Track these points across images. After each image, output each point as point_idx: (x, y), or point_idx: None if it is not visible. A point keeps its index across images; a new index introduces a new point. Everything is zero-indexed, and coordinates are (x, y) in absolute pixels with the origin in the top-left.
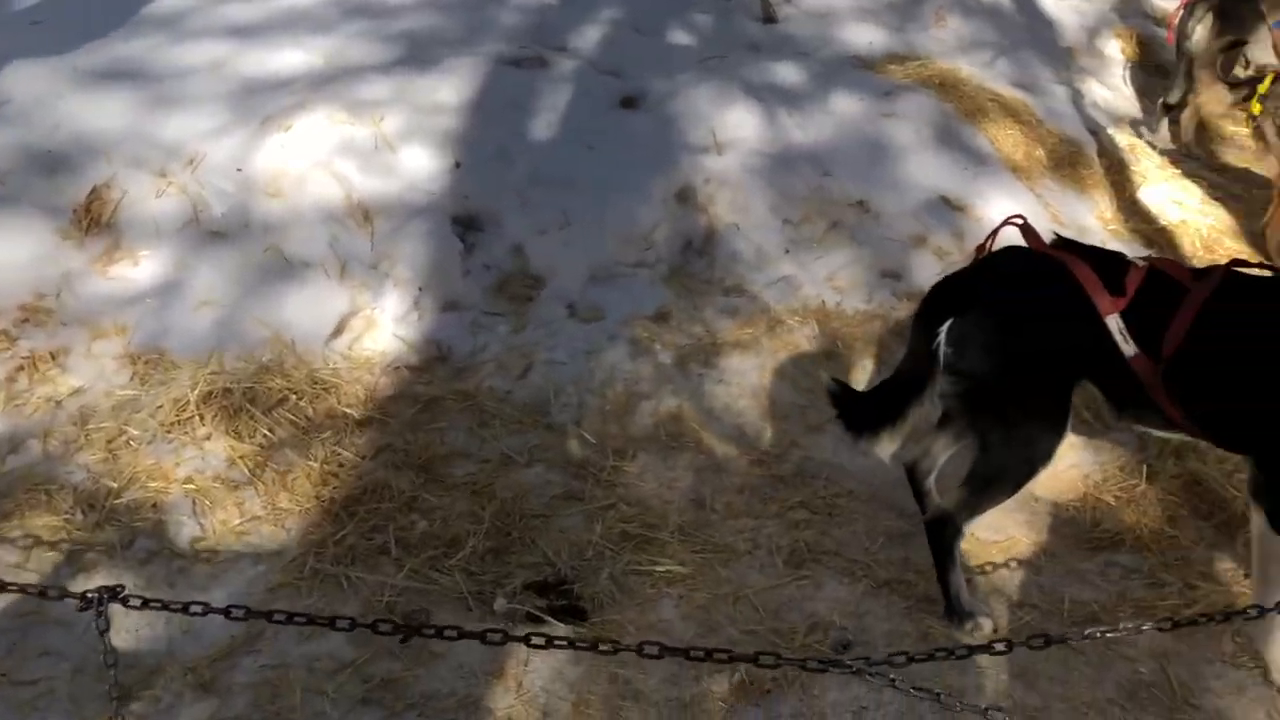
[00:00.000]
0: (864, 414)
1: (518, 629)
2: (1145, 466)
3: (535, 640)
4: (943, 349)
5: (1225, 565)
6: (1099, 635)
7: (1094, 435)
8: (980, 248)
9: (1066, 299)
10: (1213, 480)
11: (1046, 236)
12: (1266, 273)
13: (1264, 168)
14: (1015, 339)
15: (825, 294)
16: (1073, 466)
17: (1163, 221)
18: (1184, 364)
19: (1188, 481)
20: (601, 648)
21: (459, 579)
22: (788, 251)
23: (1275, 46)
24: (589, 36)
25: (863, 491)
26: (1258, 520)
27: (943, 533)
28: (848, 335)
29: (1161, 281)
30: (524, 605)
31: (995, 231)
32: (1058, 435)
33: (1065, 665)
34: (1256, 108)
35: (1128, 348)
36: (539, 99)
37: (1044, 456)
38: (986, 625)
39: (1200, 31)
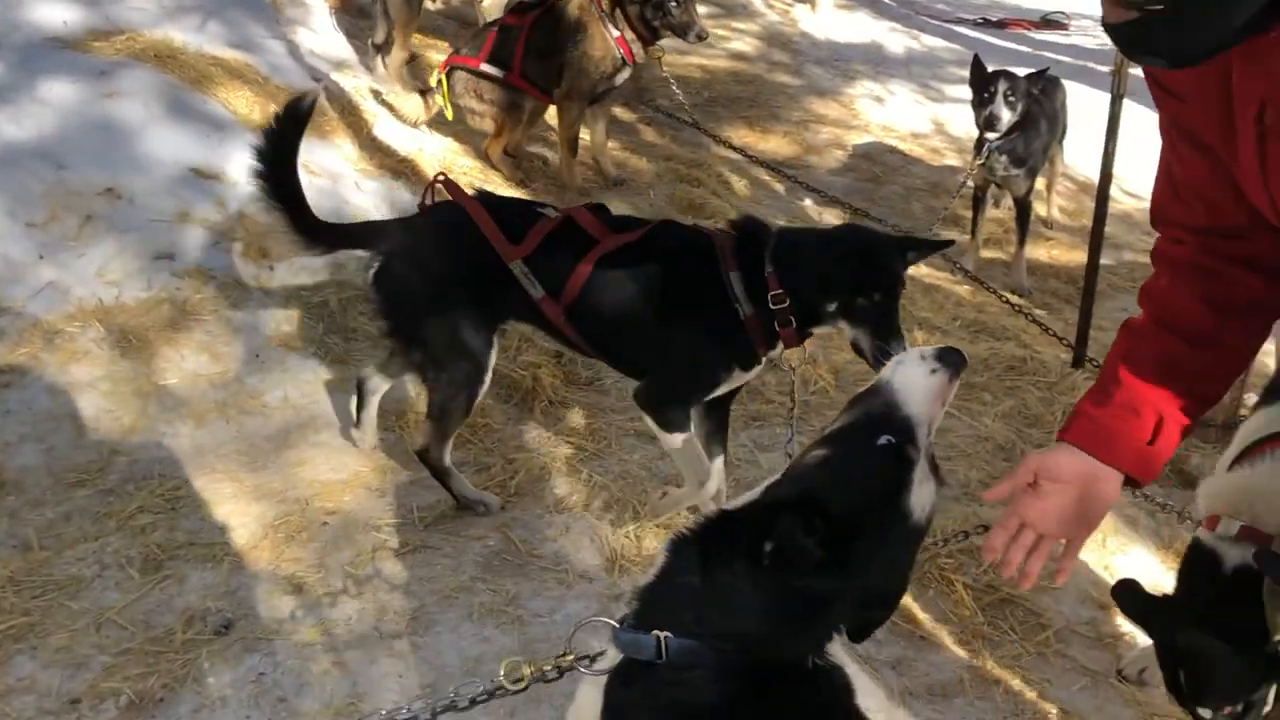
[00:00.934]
0: None
1: None
2: None
3: None
4: (372, 293)
5: (531, 434)
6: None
7: None
8: (421, 204)
9: (476, 247)
10: (504, 368)
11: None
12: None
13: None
14: (425, 284)
15: (100, 291)
16: (388, 393)
17: (402, 153)
18: (584, 304)
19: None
20: None
21: None
22: (42, 257)
23: None
24: None
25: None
26: (649, 423)
27: (428, 459)
28: (138, 327)
29: (572, 231)
30: None
31: (429, 187)
32: (481, 366)
33: (429, 564)
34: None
35: (535, 290)
36: None
37: (474, 385)
38: (493, 502)
39: None
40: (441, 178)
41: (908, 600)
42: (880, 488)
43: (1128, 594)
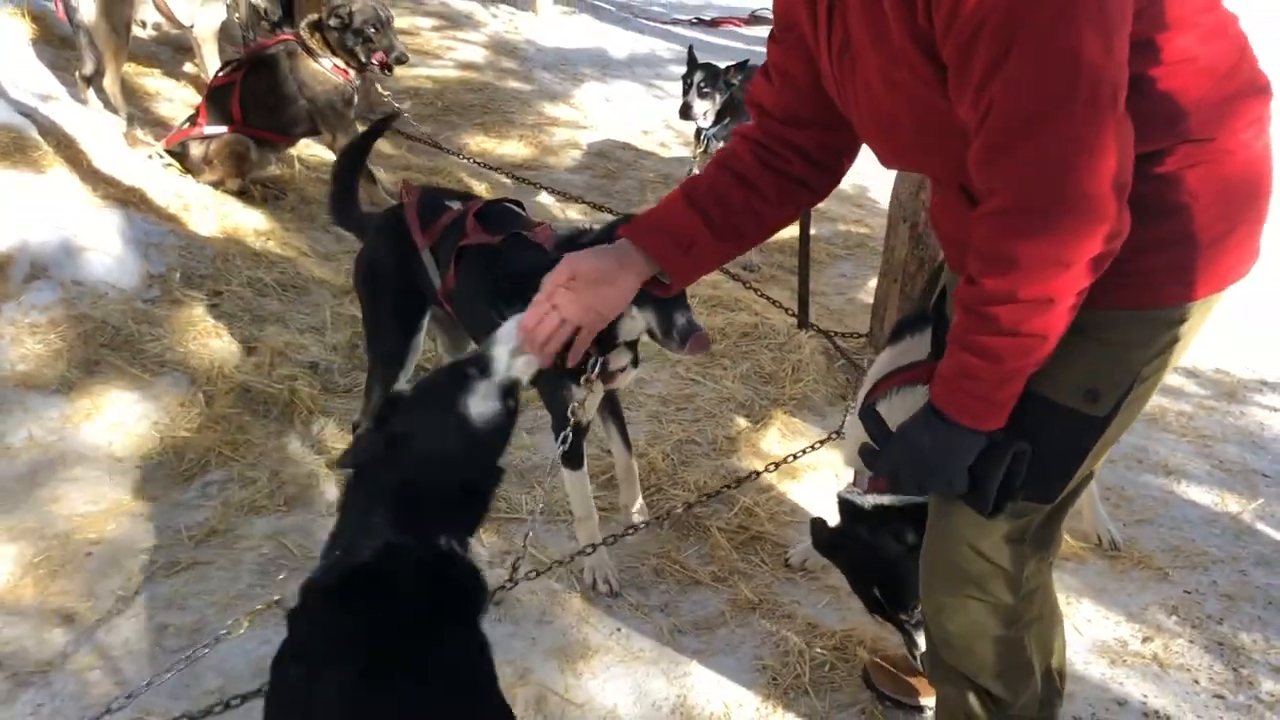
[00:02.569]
0: None
1: None
2: (201, 394)
3: None
4: None
5: (294, 445)
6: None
7: (146, 388)
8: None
9: (407, 238)
10: (257, 384)
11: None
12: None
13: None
14: (371, 269)
15: None
16: (142, 419)
17: (128, 182)
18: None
19: (238, 391)
20: None
21: None
22: None
23: (160, 9)
24: None
25: None
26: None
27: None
28: None
29: (459, 220)
30: None
31: (403, 189)
32: (403, 348)
33: (204, 579)
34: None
35: (435, 277)
36: None
37: (396, 364)
38: None
39: (84, 3)
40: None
41: (671, 548)
42: (440, 401)
43: (818, 530)
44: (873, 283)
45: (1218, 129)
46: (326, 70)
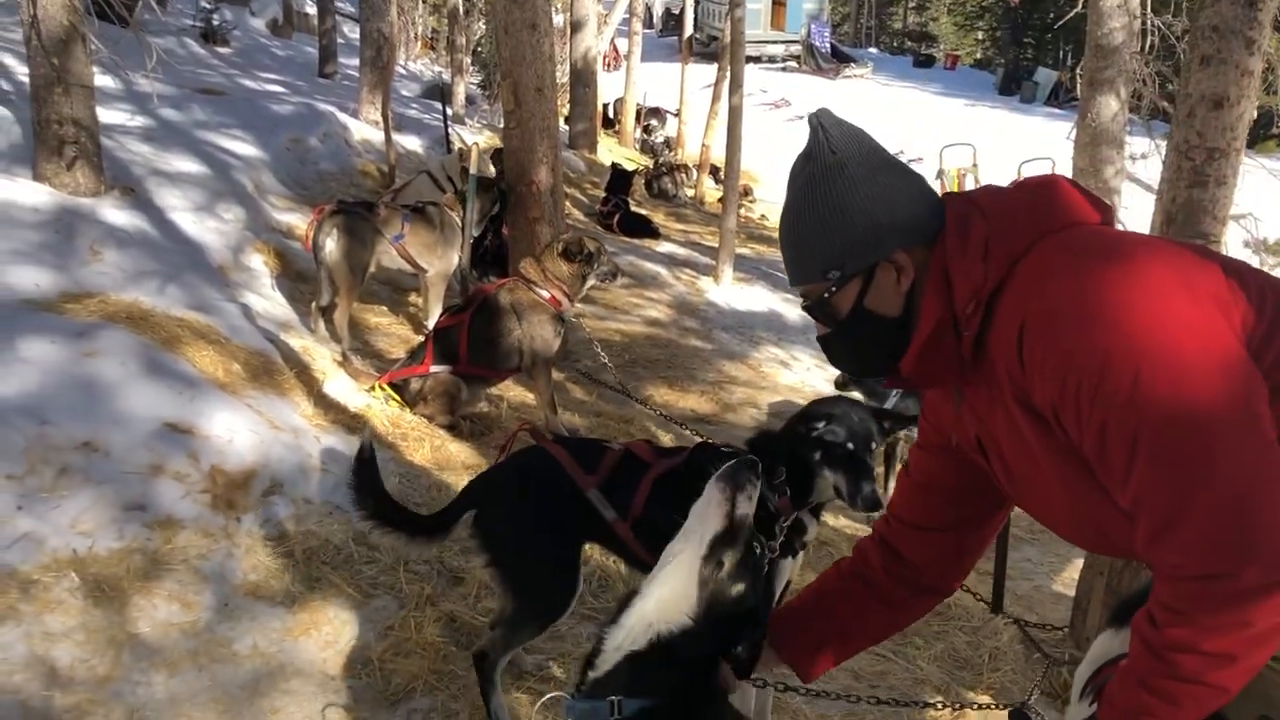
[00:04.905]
0: None
1: None
2: (411, 619)
3: None
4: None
5: None
6: None
7: (354, 606)
8: (502, 449)
9: (561, 481)
10: (463, 614)
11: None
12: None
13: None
14: (524, 520)
15: (73, 541)
16: (351, 640)
17: (352, 409)
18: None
19: (445, 620)
20: None
21: None
22: (20, 508)
23: (401, 255)
24: None
25: None
26: None
27: (482, 666)
28: (111, 577)
29: (631, 460)
30: None
31: (514, 435)
32: (572, 587)
33: None
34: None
35: (608, 513)
36: None
37: (562, 606)
38: None
39: (330, 244)
40: (528, 425)
41: None
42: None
43: None
44: (1064, 570)
45: None
46: (544, 300)
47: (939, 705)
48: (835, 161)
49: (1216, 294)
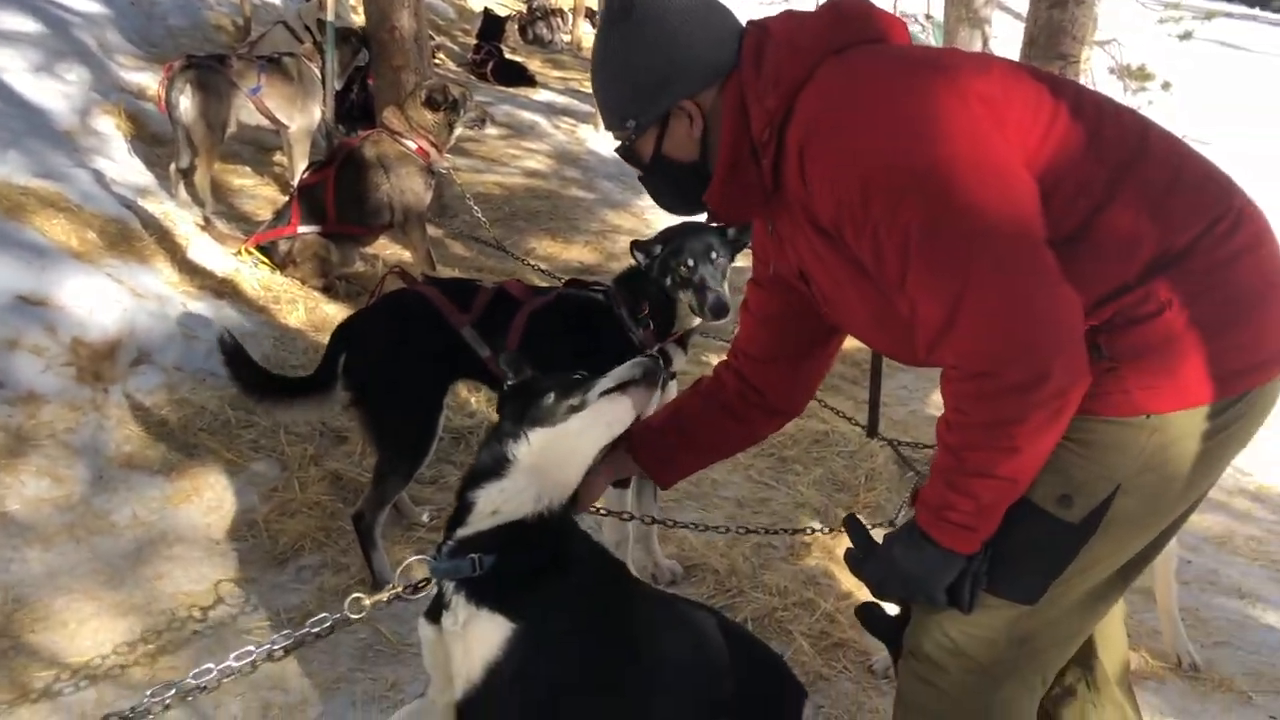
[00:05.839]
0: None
1: None
2: (295, 480)
3: None
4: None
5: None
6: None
7: (236, 471)
8: (372, 294)
9: (431, 319)
10: (349, 472)
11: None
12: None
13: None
14: (392, 357)
15: None
16: (235, 505)
17: (220, 273)
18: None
19: (330, 479)
20: None
21: None
22: None
23: (260, 110)
24: None
25: None
26: None
27: (360, 525)
28: None
29: (504, 298)
30: None
31: (384, 277)
32: (432, 431)
33: (305, 661)
34: None
35: (483, 350)
36: None
37: (423, 450)
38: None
39: (184, 101)
40: (397, 269)
41: None
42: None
43: (870, 615)
44: (935, 395)
45: (1177, 238)
46: (411, 151)
47: (810, 530)
48: (623, 13)
49: (987, 94)
